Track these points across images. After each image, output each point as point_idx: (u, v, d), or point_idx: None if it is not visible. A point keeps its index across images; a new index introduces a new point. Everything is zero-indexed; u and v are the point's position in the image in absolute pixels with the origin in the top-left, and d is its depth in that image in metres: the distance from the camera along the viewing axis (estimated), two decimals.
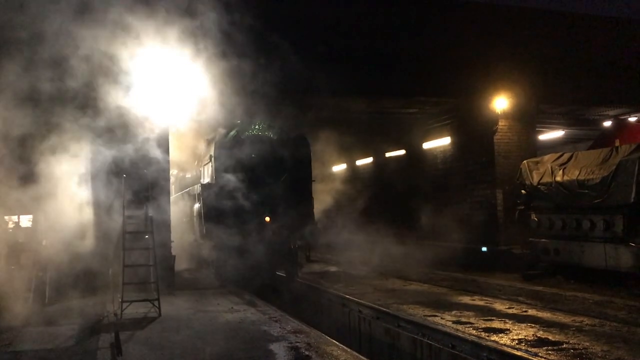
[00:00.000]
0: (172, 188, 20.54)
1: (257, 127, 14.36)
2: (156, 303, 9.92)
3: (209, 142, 15.23)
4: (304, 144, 15.00)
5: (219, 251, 13.73)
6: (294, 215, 13.89)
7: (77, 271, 12.31)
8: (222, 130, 14.57)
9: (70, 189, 11.95)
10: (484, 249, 15.99)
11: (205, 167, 14.97)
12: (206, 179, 14.73)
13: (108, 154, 12.51)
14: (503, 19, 16.23)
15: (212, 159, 14.10)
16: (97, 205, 12.57)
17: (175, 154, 18.98)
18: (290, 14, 14.06)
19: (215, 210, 13.56)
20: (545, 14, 17.28)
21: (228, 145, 14.02)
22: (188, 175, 18.54)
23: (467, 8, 16.26)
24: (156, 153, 12.94)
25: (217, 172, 13.91)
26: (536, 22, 16.55)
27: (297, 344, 7.61)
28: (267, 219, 13.72)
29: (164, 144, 13.23)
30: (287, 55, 13.63)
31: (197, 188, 14.80)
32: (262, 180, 14.03)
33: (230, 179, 13.78)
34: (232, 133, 14.21)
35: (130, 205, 10.70)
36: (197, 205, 14.76)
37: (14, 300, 12.13)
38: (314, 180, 15.24)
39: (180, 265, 17.18)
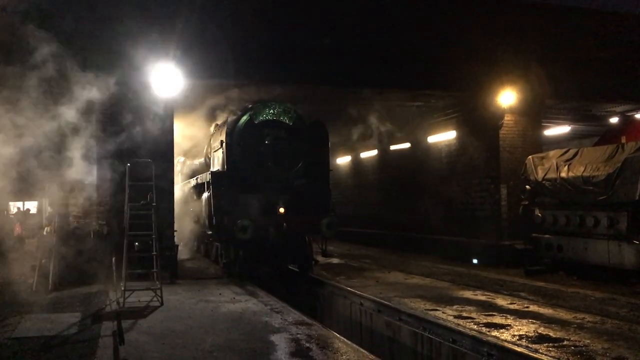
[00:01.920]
0: (179, 176, 20.39)
1: (271, 111, 13.36)
2: (158, 292, 9.96)
3: (219, 127, 14.44)
4: (321, 131, 14.09)
5: (228, 243, 13.22)
6: (310, 206, 13.19)
7: (80, 258, 12.41)
8: (234, 115, 13.79)
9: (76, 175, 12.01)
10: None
11: (216, 154, 14.22)
12: (216, 167, 14.03)
13: (115, 138, 12.55)
14: (510, 13, 16.11)
15: (224, 145, 13.27)
16: (101, 193, 12.62)
17: (183, 140, 18.83)
18: (296, 5, 14.01)
19: (226, 199, 12.90)
20: (552, 9, 17.14)
21: (240, 130, 13.11)
22: (196, 162, 17.86)
23: (474, 1, 16.16)
24: (161, 139, 12.94)
25: (228, 159, 13.13)
26: (543, 16, 16.43)
27: (298, 335, 7.64)
28: (281, 209, 12.91)
29: (168, 129, 13.22)
30: (292, 46, 13.64)
31: (207, 176, 14.04)
32: (277, 168, 13.21)
33: (243, 166, 13.07)
34: (244, 118, 13.26)
35: (134, 194, 10.68)
36: (206, 194, 14.07)
37: (18, 286, 12.23)
38: (331, 170, 14.41)
39: (184, 254, 17.26)
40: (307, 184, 13.42)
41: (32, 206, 22.85)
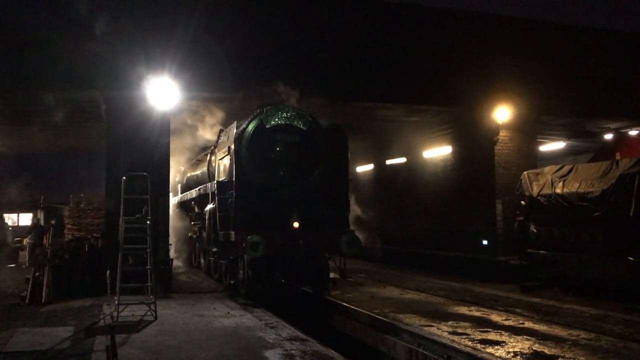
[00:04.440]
0: (179, 186, 19.99)
1: (284, 115, 12.07)
2: (152, 306, 9.91)
3: (226, 133, 13.29)
4: (339, 136, 12.80)
5: (236, 261, 12.12)
6: (327, 220, 12.07)
7: (75, 272, 12.37)
8: (242, 120, 12.65)
9: None
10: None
11: (221, 162, 13.16)
12: (222, 176, 12.96)
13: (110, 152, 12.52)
14: (506, 31, 16.28)
15: (231, 151, 12.09)
16: (96, 206, 12.61)
17: (183, 149, 18.55)
18: (293, 19, 14.11)
19: (234, 212, 11.77)
20: (547, 26, 17.33)
21: (250, 136, 11.85)
22: (197, 172, 16.90)
23: (470, 19, 16.32)
24: (157, 152, 12.93)
25: (236, 167, 11.84)
26: (538, 34, 16.59)
27: (293, 351, 7.59)
28: (296, 224, 11.67)
29: (165, 142, 13.22)
30: (288, 60, 13.71)
31: (212, 186, 12.94)
32: (290, 177, 11.96)
33: (252, 175, 11.84)
34: (254, 122, 12.03)
35: (129, 207, 10.66)
36: (210, 206, 13.07)
37: (11, 299, 12.18)
38: (350, 180, 13.17)
39: (179, 268, 17.17)
40: (325, 195, 12.20)
41: (27, 219, 22.91)
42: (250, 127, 11.99)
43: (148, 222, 10.40)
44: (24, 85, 12.35)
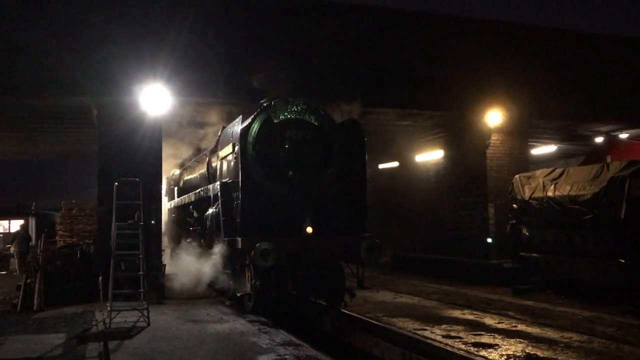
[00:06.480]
0: (176, 189, 19.62)
1: (294, 109, 10.94)
2: (145, 312, 9.86)
3: (229, 130, 12.08)
4: (355, 132, 11.61)
5: (242, 271, 11.05)
6: (342, 224, 11.06)
7: (67, 278, 12.30)
8: (247, 115, 11.48)
9: None
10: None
11: (224, 161, 12.21)
12: (225, 177, 11.92)
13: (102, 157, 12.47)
14: (497, 35, 16.38)
15: (236, 149, 10.98)
16: (88, 212, 12.56)
17: (177, 152, 18.28)
18: (286, 25, 14.13)
19: (240, 216, 10.58)
20: (538, 31, 17.45)
21: (256, 132, 10.74)
22: (196, 175, 16.02)
23: (462, 24, 16.41)
24: (149, 157, 12.88)
25: (242, 167, 10.65)
26: (530, 38, 16.71)
27: (286, 356, 7.57)
28: (309, 229, 10.58)
29: (157, 147, 13.18)
30: (281, 65, 13.71)
31: (214, 187, 11.87)
32: (300, 178, 10.81)
33: (260, 176, 10.69)
34: (261, 117, 10.89)
35: (121, 213, 10.62)
36: (211, 211, 12.06)
37: (2, 307, 12.10)
38: (369, 180, 11.98)
39: (175, 274, 17.04)
40: (339, 197, 11.17)
41: (18, 225, 22.81)
42: (257, 123, 10.86)
43: (140, 227, 10.36)
44: (14, 92, 12.31)
